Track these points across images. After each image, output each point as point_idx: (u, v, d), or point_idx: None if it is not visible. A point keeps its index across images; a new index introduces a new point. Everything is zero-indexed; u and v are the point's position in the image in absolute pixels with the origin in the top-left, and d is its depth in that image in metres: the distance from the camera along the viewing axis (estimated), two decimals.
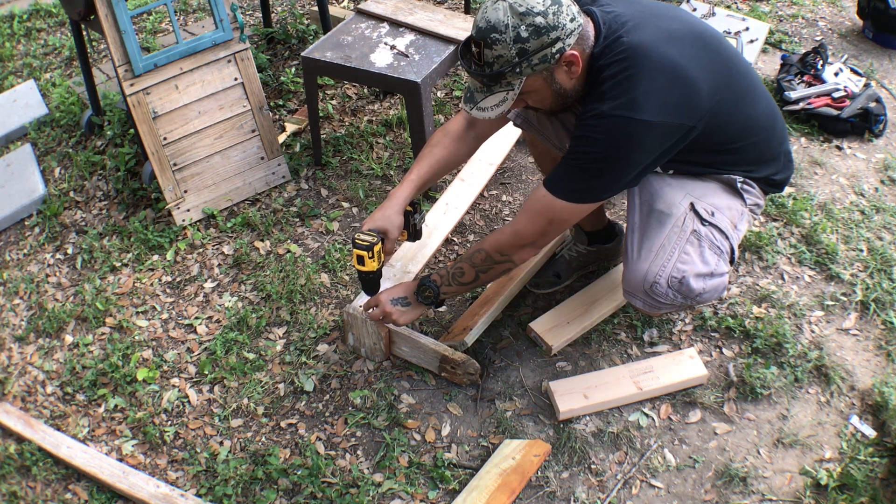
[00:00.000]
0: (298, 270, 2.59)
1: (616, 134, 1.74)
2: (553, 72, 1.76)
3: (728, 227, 1.97)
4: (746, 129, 1.94)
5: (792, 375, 2.18)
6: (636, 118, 1.71)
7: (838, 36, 3.61)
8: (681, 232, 1.92)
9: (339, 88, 3.38)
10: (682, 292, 1.91)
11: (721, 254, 1.95)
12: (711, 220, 1.94)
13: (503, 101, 1.79)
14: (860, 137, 3.01)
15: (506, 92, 1.78)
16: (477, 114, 1.83)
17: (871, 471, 1.96)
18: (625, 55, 1.74)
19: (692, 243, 1.92)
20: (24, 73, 3.78)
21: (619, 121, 1.72)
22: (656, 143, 1.78)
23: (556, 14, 1.69)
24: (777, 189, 2.11)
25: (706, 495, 1.95)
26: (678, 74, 1.74)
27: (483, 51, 1.73)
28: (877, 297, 2.37)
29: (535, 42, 1.69)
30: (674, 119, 1.75)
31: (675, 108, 1.75)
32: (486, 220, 2.74)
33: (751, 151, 1.98)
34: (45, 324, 2.53)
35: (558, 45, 1.71)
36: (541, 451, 2.02)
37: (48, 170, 3.13)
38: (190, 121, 2.75)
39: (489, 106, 1.81)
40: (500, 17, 1.69)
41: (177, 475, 2.11)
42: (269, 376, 2.31)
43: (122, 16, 2.55)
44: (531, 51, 1.70)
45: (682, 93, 1.75)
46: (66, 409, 2.30)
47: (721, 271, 1.95)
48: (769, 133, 2.00)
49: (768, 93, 2.04)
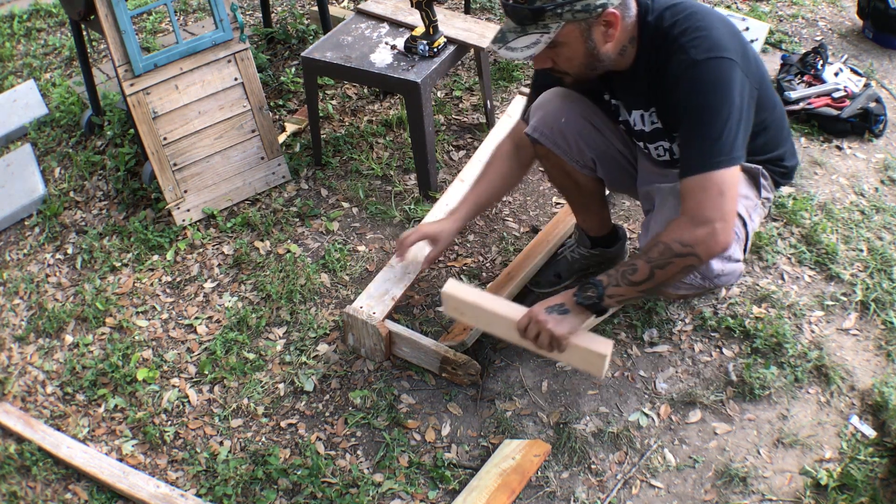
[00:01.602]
0: (298, 270, 2.59)
1: (718, 74, 1.71)
2: (591, 27, 1.72)
3: (745, 215, 1.95)
4: (773, 106, 1.93)
5: (792, 375, 2.17)
6: (727, 57, 1.70)
7: (838, 36, 3.61)
8: None
9: (339, 88, 3.38)
10: (702, 272, 1.87)
11: (738, 240, 1.91)
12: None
13: (535, 43, 1.71)
14: (860, 137, 3.01)
15: (540, 34, 1.71)
16: (505, 53, 1.75)
17: (871, 471, 1.96)
18: (690, 10, 1.74)
19: None
20: (24, 73, 3.78)
21: (715, 62, 1.70)
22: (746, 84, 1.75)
23: None
24: (787, 179, 2.09)
25: (706, 495, 1.95)
26: (736, 31, 1.77)
27: None
28: (877, 297, 2.37)
29: None
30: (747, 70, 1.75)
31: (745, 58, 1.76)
32: (487, 220, 2.74)
33: (774, 131, 1.97)
34: (45, 324, 2.53)
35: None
36: (541, 451, 2.02)
37: (48, 170, 3.13)
38: (190, 121, 2.75)
39: (520, 47, 1.73)
40: None
41: (177, 475, 2.11)
42: (269, 376, 2.31)
43: (122, 16, 2.55)
44: None
45: (745, 47, 1.78)
46: (66, 409, 2.30)
47: (738, 257, 1.92)
48: (783, 116, 2.00)
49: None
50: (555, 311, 1.81)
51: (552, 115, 2.05)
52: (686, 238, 1.70)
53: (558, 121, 2.04)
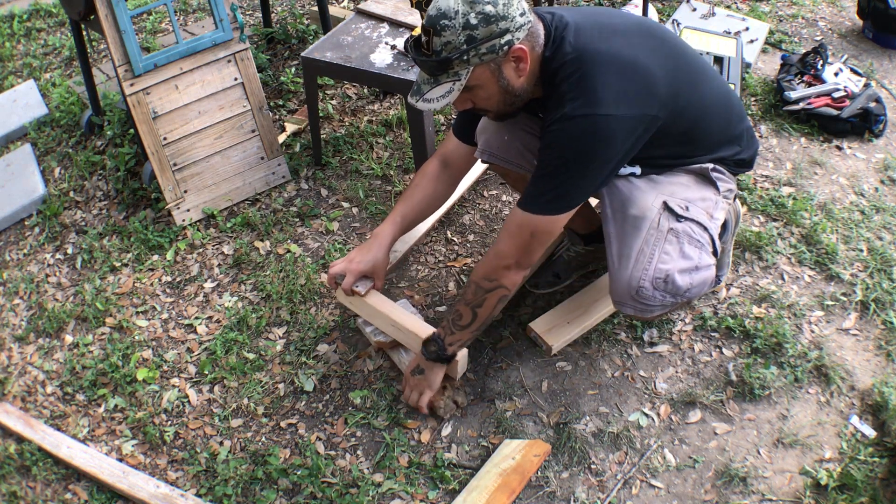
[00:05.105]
0: (298, 270, 2.59)
1: (582, 133, 1.73)
2: (501, 65, 1.75)
3: (705, 218, 1.95)
4: (705, 112, 1.93)
5: (792, 375, 2.18)
6: (600, 114, 1.70)
7: (838, 36, 3.61)
8: (657, 232, 1.90)
9: (339, 88, 3.38)
10: (670, 291, 1.90)
11: (702, 246, 1.93)
12: (687, 215, 1.92)
13: (449, 91, 1.76)
14: (860, 137, 3.01)
15: (452, 82, 1.75)
16: (422, 105, 1.80)
17: (871, 471, 1.96)
18: (574, 55, 1.74)
19: (670, 241, 1.90)
20: (24, 73, 3.78)
21: (582, 120, 1.72)
22: (623, 136, 1.76)
23: (507, 5, 1.69)
24: (747, 167, 2.10)
25: (706, 495, 1.95)
26: (631, 65, 1.75)
27: (432, 38, 1.71)
28: (877, 297, 2.37)
29: (483, 30, 1.68)
30: (636, 110, 1.75)
31: (635, 98, 1.74)
32: (487, 220, 2.74)
33: (714, 134, 1.98)
34: (45, 324, 2.53)
35: (507, 36, 1.70)
36: (541, 451, 2.02)
37: (48, 170, 3.13)
38: (190, 121, 2.75)
39: (435, 97, 1.78)
40: (450, 4, 1.69)
41: (177, 475, 2.11)
42: (269, 376, 2.31)
43: (122, 16, 2.55)
44: (479, 38, 1.69)
45: (639, 83, 1.75)
46: (66, 409, 2.30)
47: (705, 263, 1.93)
48: (727, 112, 2.00)
49: (718, 73, 2.03)
50: (416, 374, 2.09)
51: (495, 136, 2.10)
52: (491, 273, 1.91)
53: (501, 139, 2.10)
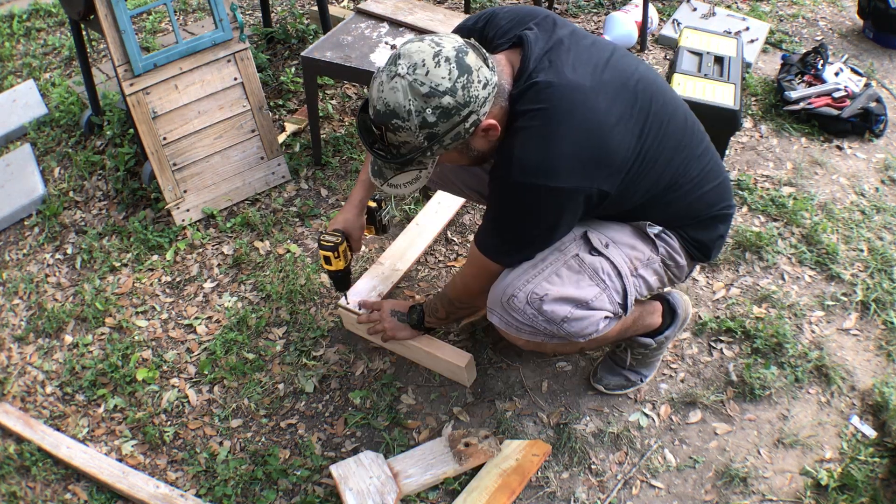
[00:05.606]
0: (298, 270, 2.59)
1: (530, 201, 1.61)
2: (469, 142, 1.62)
3: (624, 265, 1.78)
4: (671, 187, 1.76)
5: (792, 375, 2.17)
6: (549, 185, 1.57)
7: (839, 36, 3.61)
8: (560, 255, 1.76)
9: (339, 88, 3.37)
10: (542, 312, 1.73)
11: (605, 290, 1.76)
12: (604, 252, 1.77)
13: (416, 178, 1.67)
14: (860, 137, 3.01)
15: (418, 171, 1.65)
16: (389, 190, 1.70)
17: (871, 471, 1.96)
18: (542, 104, 1.57)
19: (571, 268, 1.75)
20: (24, 72, 3.78)
21: (531, 188, 1.58)
22: (570, 207, 1.64)
23: (466, 87, 1.51)
24: (704, 257, 1.91)
25: (706, 496, 1.95)
26: (595, 135, 1.58)
27: (385, 134, 1.56)
28: (877, 297, 2.37)
29: (444, 125, 1.53)
30: (588, 184, 1.60)
31: (591, 170, 1.59)
32: None
33: (678, 208, 1.81)
34: (45, 324, 2.53)
35: (472, 118, 1.55)
36: (541, 451, 2.02)
37: (48, 170, 3.13)
38: (189, 121, 2.75)
39: (401, 183, 1.68)
40: (399, 100, 1.50)
41: (176, 475, 2.11)
42: (268, 377, 2.31)
43: (121, 15, 2.54)
44: (441, 133, 1.54)
45: (598, 156, 1.59)
46: (66, 410, 2.29)
47: (598, 306, 1.75)
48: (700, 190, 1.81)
49: (712, 147, 1.86)
50: (396, 317, 2.20)
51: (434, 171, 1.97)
52: (463, 298, 2.02)
53: (441, 174, 2.19)
